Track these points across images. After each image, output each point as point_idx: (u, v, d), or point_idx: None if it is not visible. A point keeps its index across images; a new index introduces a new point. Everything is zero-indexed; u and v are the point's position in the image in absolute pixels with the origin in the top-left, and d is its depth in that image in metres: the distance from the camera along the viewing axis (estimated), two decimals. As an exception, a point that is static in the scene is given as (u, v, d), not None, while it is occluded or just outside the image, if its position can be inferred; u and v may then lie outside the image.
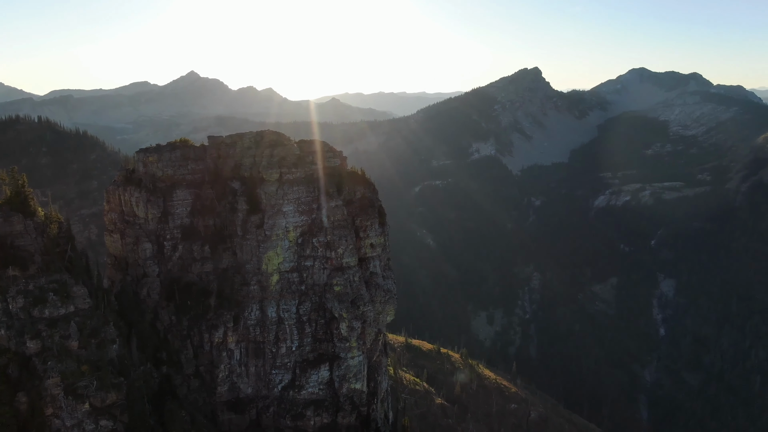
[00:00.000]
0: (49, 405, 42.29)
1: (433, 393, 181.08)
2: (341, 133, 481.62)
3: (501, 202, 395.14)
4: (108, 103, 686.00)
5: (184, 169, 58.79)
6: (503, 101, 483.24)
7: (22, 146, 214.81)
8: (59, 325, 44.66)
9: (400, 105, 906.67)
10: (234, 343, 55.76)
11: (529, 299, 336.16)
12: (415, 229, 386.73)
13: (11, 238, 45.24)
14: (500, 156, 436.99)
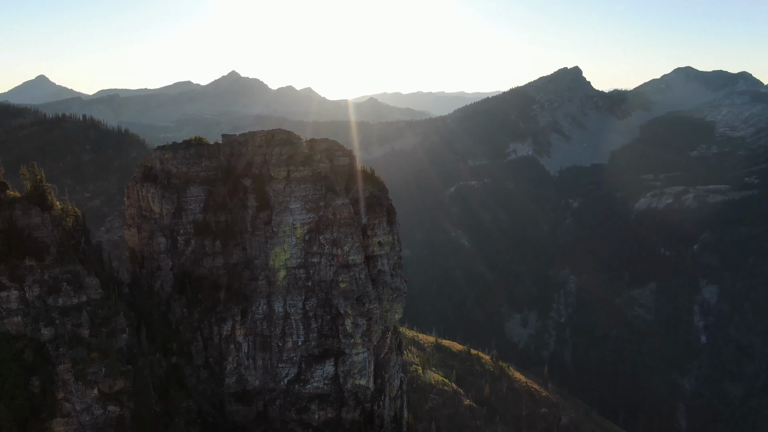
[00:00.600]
0: (60, 389, 44.50)
1: (462, 394, 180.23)
2: (378, 132, 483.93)
3: (538, 204, 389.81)
4: (152, 103, 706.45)
5: (198, 167, 60.65)
6: (542, 101, 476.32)
7: (68, 144, 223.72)
8: (72, 314, 46.89)
9: (438, 105, 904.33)
10: (242, 337, 57.22)
11: (565, 302, 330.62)
12: (450, 229, 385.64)
13: (29, 230, 47.75)
14: (538, 156, 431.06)
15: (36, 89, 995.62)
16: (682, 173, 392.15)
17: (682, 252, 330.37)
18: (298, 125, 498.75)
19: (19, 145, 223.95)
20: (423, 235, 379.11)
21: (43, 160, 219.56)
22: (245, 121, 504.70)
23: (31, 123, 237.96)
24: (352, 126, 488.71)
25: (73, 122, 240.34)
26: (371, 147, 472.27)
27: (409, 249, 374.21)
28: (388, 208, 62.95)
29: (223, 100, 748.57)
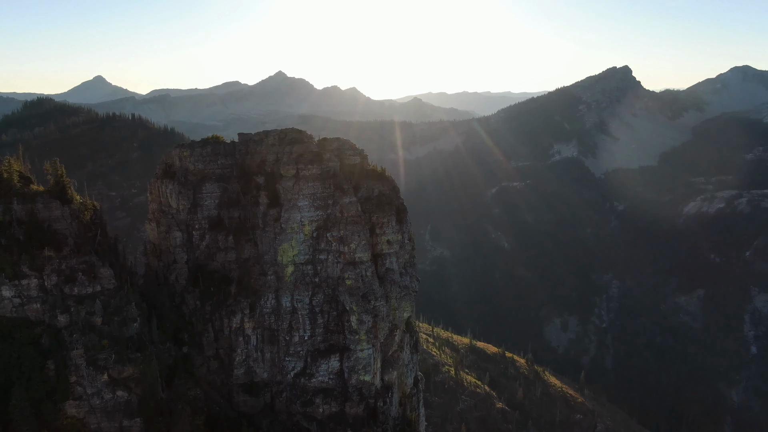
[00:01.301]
0: (73, 373, 47.07)
1: (494, 397, 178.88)
2: (421, 132, 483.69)
3: (581, 206, 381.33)
4: (201, 102, 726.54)
5: (214, 164, 62.70)
6: (588, 101, 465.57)
7: (117, 142, 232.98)
8: (86, 302, 49.45)
9: (484, 105, 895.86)
10: (251, 329, 58.82)
11: (607, 307, 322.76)
12: (491, 230, 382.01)
13: (49, 222, 50.60)
14: (583, 158, 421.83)
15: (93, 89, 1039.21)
16: (736, 176, 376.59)
17: (732, 258, 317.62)
18: (341, 125, 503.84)
19: (71, 142, 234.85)
20: (463, 236, 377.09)
21: (94, 157, 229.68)
22: (290, 121, 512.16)
23: (84, 122, 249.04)
24: (395, 126, 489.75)
25: (122, 121, 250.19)
26: (414, 147, 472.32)
27: (448, 250, 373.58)
28: (398, 207, 63.43)
29: (269, 100, 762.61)
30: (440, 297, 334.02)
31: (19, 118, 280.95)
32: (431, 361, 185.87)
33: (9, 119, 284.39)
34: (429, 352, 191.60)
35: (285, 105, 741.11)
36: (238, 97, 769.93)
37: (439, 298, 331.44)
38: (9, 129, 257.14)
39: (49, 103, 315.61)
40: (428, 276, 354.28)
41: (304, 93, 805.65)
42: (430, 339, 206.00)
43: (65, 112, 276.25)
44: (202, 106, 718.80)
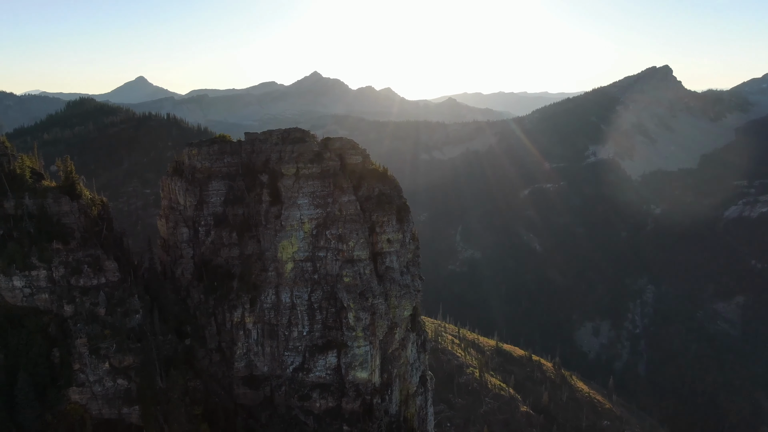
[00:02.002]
0: (76, 361, 49.30)
1: (519, 400, 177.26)
2: (454, 132, 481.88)
3: (616, 209, 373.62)
4: (238, 103, 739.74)
5: (220, 162, 64.45)
6: (626, 102, 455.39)
7: (152, 140, 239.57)
8: (90, 294, 51.70)
9: (520, 105, 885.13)
10: (251, 324, 60.26)
11: (641, 313, 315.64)
12: (522, 232, 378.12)
13: (58, 216, 53.12)
14: (619, 160, 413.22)
15: (135, 90, 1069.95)
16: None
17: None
18: (375, 125, 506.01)
19: (109, 141, 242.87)
20: (494, 237, 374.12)
21: (130, 155, 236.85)
22: (323, 121, 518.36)
23: (121, 121, 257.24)
24: (428, 126, 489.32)
25: (158, 121, 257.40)
26: (447, 147, 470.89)
27: (479, 251, 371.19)
28: (399, 206, 63.91)
29: (304, 100, 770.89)
30: (470, 298, 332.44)
31: (61, 118, 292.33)
32: (455, 363, 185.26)
33: (52, 118, 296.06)
34: (454, 354, 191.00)
35: (320, 105, 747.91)
36: (273, 98, 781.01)
37: (469, 300, 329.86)
38: (52, 128, 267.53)
39: (89, 103, 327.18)
40: (458, 277, 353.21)
41: (339, 93, 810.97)
42: (456, 340, 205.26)
43: (104, 111, 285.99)
44: (238, 106, 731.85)
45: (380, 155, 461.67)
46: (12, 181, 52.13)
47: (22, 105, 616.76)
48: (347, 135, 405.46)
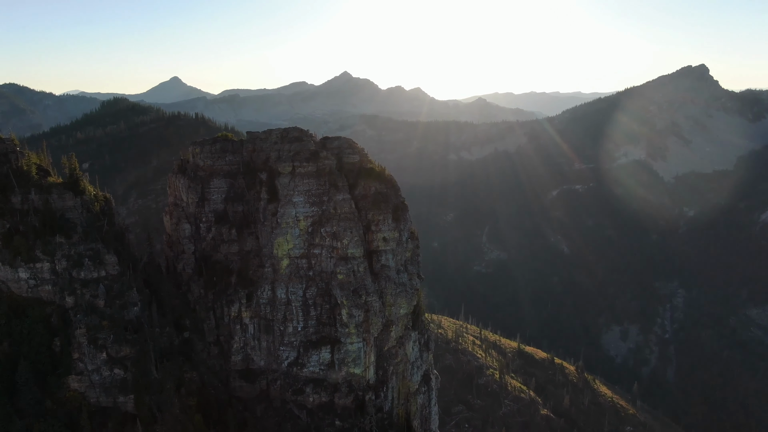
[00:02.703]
0: (75, 350, 51.35)
1: (539, 403, 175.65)
2: (483, 132, 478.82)
3: (647, 211, 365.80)
4: (268, 102, 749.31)
5: (222, 161, 65.98)
6: (660, 102, 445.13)
7: (180, 139, 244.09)
8: (90, 286, 53.72)
9: (551, 105, 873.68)
10: (248, 319, 61.61)
11: (671, 317, 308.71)
12: (550, 234, 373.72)
13: (62, 211, 55.31)
14: (651, 161, 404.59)
15: (169, 90, 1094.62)
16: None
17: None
18: (403, 125, 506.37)
19: (139, 139, 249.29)
20: (521, 238, 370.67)
21: (158, 153, 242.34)
22: (351, 120, 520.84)
23: (151, 120, 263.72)
24: (456, 126, 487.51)
25: (187, 120, 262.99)
26: (475, 147, 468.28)
27: (505, 252, 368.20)
28: (396, 205, 64.38)
29: (334, 100, 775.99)
30: (495, 300, 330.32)
31: (95, 117, 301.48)
32: (475, 364, 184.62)
33: (87, 118, 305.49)
34: (474, 355, 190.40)
35: (349, 105, 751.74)
36: (303, 97, 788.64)
37: (494, 301, 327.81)
38: (86, 127, 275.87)
39: (122, 103, 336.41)
40: (483, 278, 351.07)
41: (369, 93, 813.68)
42: (477, 341, 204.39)
43: (136, 111, 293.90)
44: (268, 105, 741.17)
45: (408, 155, 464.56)
46: (19, 178, 54.60)
47: (60, 105, 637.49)
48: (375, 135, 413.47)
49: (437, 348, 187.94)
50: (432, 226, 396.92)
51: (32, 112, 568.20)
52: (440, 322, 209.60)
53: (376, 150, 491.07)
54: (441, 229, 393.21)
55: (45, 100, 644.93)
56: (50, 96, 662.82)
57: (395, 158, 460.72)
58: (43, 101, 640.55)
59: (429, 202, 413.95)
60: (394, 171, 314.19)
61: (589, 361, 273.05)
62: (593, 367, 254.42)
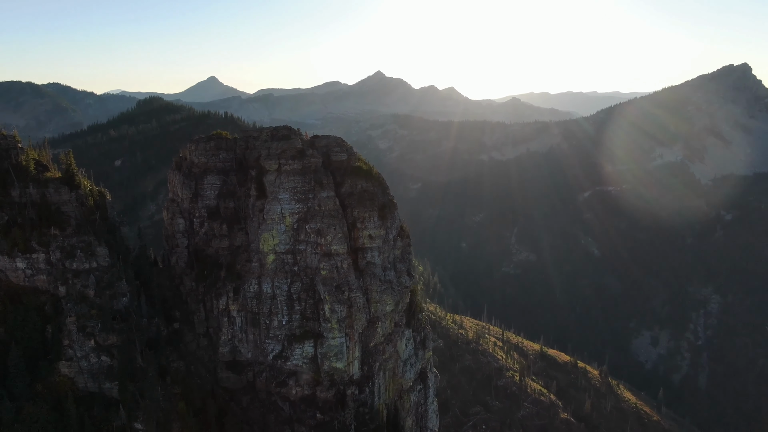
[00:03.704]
0: (66, 337, 53.92)
1: (560, 407, 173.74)
2: (515, 132, 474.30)
3: (682, 214, 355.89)
4: (302, 101, 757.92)
5: (216, 158, 67.94)
6: (699, 102, 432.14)
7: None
8: (82, 276, 56.22)
9: (588, 105, 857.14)
10: (236, 312, 63.32)
11: (704, 324, 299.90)
12: (580, 236, 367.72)
13: (58, 205, 58.09)
14: (688, 163, 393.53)
15: (206, 89, 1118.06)
16: None
17: None
18: (434, 124, 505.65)
19: (169, 137, 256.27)
20: (550, 240, 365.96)
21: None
22: (382, 120, 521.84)
23: (182, 119, 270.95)
24: (487, 126, 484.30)
25: (216, 119, 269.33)
26: (506, 147, 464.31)
27: (534, 253, 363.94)
28: (383, 203, 65.10)
29: (366, 99, 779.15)
30: (522, 302, 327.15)
31: (130, 116, 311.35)
32: (495, 365, 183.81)
33: (123, 116, 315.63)
34: (494, 356, 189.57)
35: (382, 105, 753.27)
36: (336, 97, 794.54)
37: (521, 303, 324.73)
38: (121, 125, 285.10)
39: (157, 102, 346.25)
40: (511, 280, 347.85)
41: (402, 93, 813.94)
42: (499, 342, 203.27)
43: (168, 110, 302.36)
44: (302, 104, 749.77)
45: (438, 155, 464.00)
46: (18, 172, 57.54)
47: (101, 103, 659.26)
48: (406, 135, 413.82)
49: (457, 348, 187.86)
50: (461, 226, 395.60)
51: (74, 111, 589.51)
52: (462, 323, 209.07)
53: (406, 150, 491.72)
54: (470, 230, 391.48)
55: (86, 99, 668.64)
56: (91, 95, 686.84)
57: (426, 158, 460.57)
58: (85, 100, 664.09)
59: (459, 202, 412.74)
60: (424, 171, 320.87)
61: (618, 366, 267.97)
62: (621, 373, 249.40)
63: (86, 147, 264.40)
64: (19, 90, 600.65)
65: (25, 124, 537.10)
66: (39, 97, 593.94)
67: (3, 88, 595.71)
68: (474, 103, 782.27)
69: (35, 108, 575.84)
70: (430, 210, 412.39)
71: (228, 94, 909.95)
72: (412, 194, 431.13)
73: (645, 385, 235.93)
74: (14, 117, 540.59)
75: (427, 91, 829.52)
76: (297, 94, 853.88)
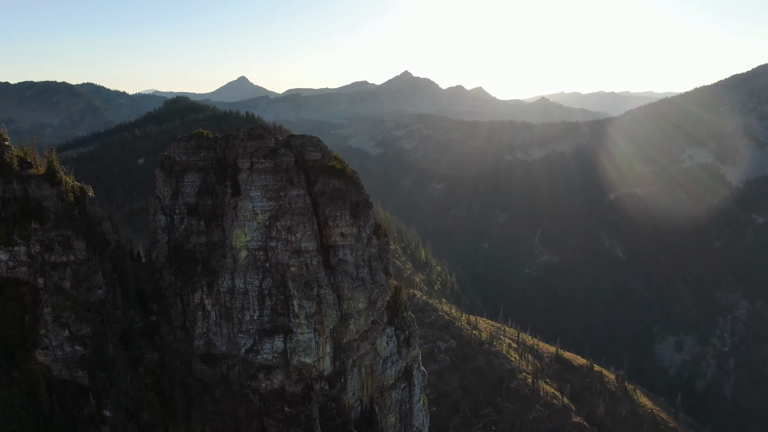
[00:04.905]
0: (42, 327, 56.42)
1: (572, 410, 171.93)
2: (541, 133, 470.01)
3: (712, 217, 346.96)
4: (329, 101, 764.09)
5: (196, 156, 69.86)
6: (732, 102, 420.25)
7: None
8: (59, 269, 58.57)
9: (619, 105, 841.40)
10: (210, 306, 64.98)
11: (731, 330, 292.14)
12: (604, 238, 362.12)
13: (39, 200, 60.73)
14: (719, 164, 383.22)
15: (236, 89, 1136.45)
16: None
17: None
18: (459, 124, 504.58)
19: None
20: (575, 242, 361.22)
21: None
22: (408, 120, 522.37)
23: (204, 118, 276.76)
24: (512, 126, 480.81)
25: (237, 118, 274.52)
26: (531, 148, 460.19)
27: (557, 256, 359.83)
28: (356, 202, 65.97)
29: (393, 99, 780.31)
30: (543, 304, 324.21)
31: (156, 115, 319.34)
32: (507, 367, 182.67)
33: (150, 116, 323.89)
34: (507, 357, 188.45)
35: (409, 104, 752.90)
36: (363, 96, 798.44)
37: (542, 305, 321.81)
38: (147, 124, 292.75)
39: (183, 101, 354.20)
40: (533, 282, 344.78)
41: (429, 93, 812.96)
42: (514, 344, 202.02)
43: (192, 109, 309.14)
44: (329, 104, 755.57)
45: (463, 155, 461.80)
46: (2, 168, 60.42)
47: (132, 103, 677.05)
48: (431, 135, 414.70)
49: (469, 349, 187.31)
50: (483, 227, 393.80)
51: (106, 110, 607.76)
52: (477, 323, 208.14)
53: (431, 150, 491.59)
54: (492, 231, 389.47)
55: (119, 98, 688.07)
56: (123, 95, 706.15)
57: (450, 158, 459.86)
58: (117, 100, 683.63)
59: (482, 202, 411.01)
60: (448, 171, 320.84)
61: (640, 371, 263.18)
62: (643, 378, 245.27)
63: (112, 145, 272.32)
64: (55, 90, 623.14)
65: (59, 123, 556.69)
66: (73, 97, 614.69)
67: (39, 88, 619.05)
68: (502, 104, 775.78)
69: (69, 107, 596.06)
70: (453, 210, 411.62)
71: (257, 93, 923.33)
72: (436, 194, 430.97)
73: (668, 391, 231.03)
74: (49, 116, 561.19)
75: (455, 91, 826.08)
76: (324, 94, 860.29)
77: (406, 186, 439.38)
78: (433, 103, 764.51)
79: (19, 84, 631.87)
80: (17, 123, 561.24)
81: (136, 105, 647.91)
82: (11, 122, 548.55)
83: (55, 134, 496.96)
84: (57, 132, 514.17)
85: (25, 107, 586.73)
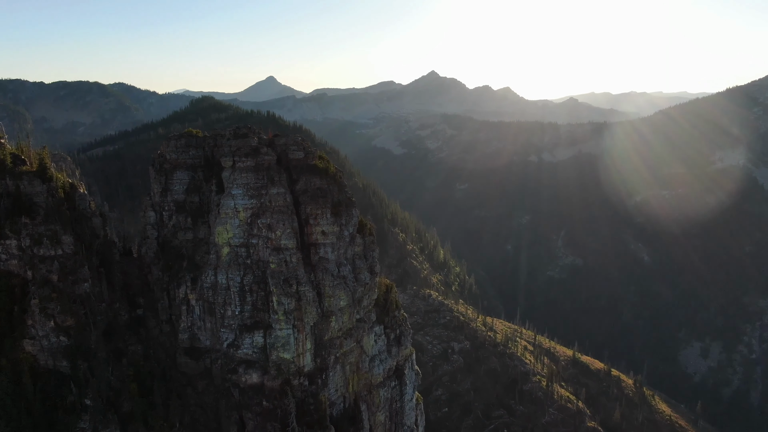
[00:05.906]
0: (29, 317, 58.65)
1: (587, 415, 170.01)
2: (567, 134, 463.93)
3: (743, 221, 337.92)
4: (355, 101, 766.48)
5: (185, 155, 71.49)
6: (766, 102, 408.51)
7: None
8: (47, 262, 60.80)
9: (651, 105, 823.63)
10: (194, 301, 66.46)
11: (759, 336, 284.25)
12: (629, 241, 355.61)
13: (31, 196, 63.03)
14: (752, 167, 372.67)
15: (264, 89, 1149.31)
16: None
17: None
18: (484, 125, 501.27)
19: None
20: (599, 244, 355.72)
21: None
22: (432, 120, 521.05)
23: (226, 117, 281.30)
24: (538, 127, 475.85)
25: (258, 118, 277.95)
26: (557, 149, 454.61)
27: (581, 258, 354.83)
28: (338, 201, 66.67)
29: (420, 99, 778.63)
30: (565, 306, 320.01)
31: (181, 115, 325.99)
32: (522, 369, 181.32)
33: (176, 115, 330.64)
34: (522, 360, 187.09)
35: (435, 104, 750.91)
36: (389, 96, 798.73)
37: (564, 308, 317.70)
38: (172, 123, 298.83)
39: (207, 101, 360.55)
40: (556, 283, 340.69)
41: (455, 93, 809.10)
42: (530, 346, 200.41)
43: (216, 108, 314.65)
44: (355, 104, 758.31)
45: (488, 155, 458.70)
46: (-4, 165, 63.09)
47: (162, 102, 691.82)
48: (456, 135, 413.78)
49: (483, 350, 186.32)
50: (506, 228, 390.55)
51: (136, 110, 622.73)
52: (493, 325, 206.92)
53: (455, 150, 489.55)
54: (515, 232, 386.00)
55: (149, 98, 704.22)
56: (154, 95, 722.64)
57: (475, 158, 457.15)
58: (148, 99, 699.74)
59: (506, 203, 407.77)
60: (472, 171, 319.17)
61: (664, 377, 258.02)
62: (667, 384, 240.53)
63: (137, 144, 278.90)
64: (87, 89, 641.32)
65: (91, 122, 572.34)
66: (104, 96, 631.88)
67: (72, 88, 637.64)
68: (530, 104, 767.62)
69: (101, 106, 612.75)
70: (476, 211, 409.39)
71: (284, 93, 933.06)
72: (459, 195, 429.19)
73: (692, 398, 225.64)
74: (81, 114, 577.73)
75: (482, 91, 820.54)
76: (350, 93, 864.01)
77: (430, 186, 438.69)
78: (459, 103, 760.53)
79: (53, 84, 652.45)
80: (51, 122, 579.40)
81: (165, 104, 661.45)
82: (45, 121, 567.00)
83: (87, 133, 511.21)
84: (89, 131, 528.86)
85: (59, 106, 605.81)
